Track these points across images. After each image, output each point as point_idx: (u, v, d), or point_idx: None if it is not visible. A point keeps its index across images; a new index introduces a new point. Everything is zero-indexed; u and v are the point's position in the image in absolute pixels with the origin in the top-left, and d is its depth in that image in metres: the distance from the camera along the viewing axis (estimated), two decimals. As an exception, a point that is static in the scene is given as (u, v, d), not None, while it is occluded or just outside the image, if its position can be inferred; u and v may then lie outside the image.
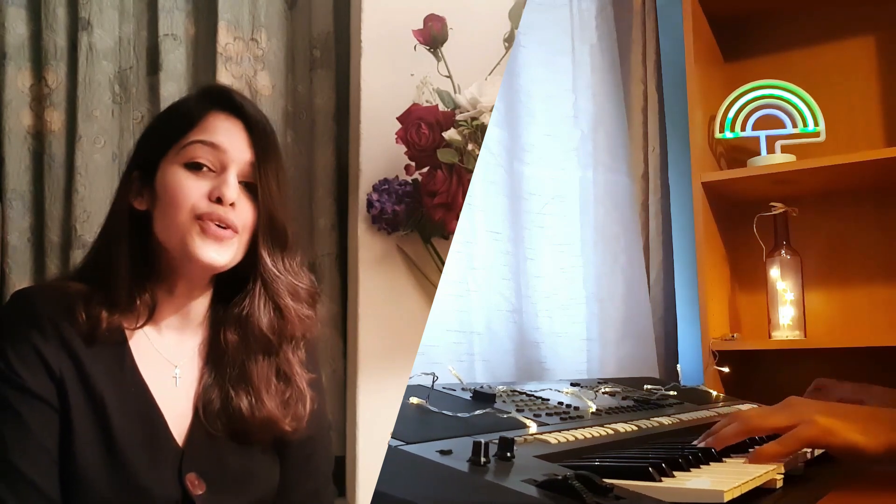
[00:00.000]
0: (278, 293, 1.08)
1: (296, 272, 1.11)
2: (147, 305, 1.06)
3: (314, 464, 1.17)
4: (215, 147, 1.04)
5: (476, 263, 1.71)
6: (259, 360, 1.09)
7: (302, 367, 1.13)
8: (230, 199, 1.03)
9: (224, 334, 1.09)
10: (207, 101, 1.09)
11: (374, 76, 1.62)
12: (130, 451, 1.00)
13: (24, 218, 1.55)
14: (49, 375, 0.99)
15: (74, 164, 1.54)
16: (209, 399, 1.07)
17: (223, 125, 1.07)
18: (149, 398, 1.04)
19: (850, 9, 2.13)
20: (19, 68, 1.57)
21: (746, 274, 2.18)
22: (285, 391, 1.10)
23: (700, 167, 2.03)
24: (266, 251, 1.07)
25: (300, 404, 1.11)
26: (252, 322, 1.07)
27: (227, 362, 1.09)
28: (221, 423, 1.07)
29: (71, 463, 0.98)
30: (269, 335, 1.08)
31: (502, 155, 1.82)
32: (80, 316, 1.01)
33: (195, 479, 1.03)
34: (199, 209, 1.02)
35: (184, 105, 1.12)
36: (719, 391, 1.82)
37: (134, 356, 1.05)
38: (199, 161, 1.04)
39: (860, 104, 2.12)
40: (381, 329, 1.58)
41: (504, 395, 1.22)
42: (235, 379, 1.08)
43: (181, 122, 1.07)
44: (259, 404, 1.07)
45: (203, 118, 1.06)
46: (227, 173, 1.04)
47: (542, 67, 2.00)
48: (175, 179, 1.04)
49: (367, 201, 1.56)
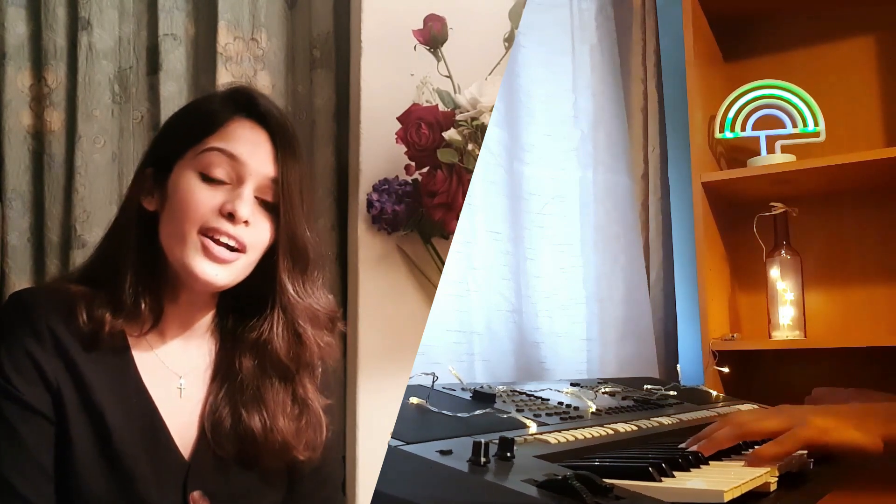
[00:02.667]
0: (298, 319, 1.03)
1: (316, 295, 1.05)
2: (152, 311, 1.01)
3: (323, 476, 1.14)
4: (234, 158, 0.99)
5: (476, 263, 1.71)
6: (275, 384, 1.05)
7: (317, 393, 1.08)
8: (243, 217, 0.97)
9: (239, 358, 1.04)
10: (232, 105, 1.03)
11: (374, 76, 1.61)
12: (133, 465, 0.96)
13: (24, 218, 1.55)
14: (45, 386, 0.95)
15: (74, 163, 1.54)
16: (219, 419, 1.03)
17: (246, 134, 1.01)
18: (152, 409, 1.00)
19: (850, 9, 2.13)
20: (19, 68, 1.57)
21: (746, 274, 2.18)
22: (301, 416, 1.05)
23: (700, 167, 2.03)
24: (287, 275, 1.02)
25: (315, 431, 1.06)
26: (270, 349, 1.03)
27: (240, 383, 1.04)
28: (231, 444, 1.02)
29: (70, 476, 0.95)
30: (288, 363, 1.04)
31: (502, 155, 1.82)
32: (82, 318, 0.96)
33: (199, 498, 1.00)
34: (207, 223, 0.97)
35: (207, 105, 1.05)
36: (719, 391, 1.82)
37: (137, 365, 1.01)
38: (216, 171, 0.98)
39: (860, 104, 2.12)
40: (381, 329, 1.57)
41: (504, 395, 1.22)
42: (249, 399, 1.03)
43: (202, 123, 1.01)
44: (273, 425, 1.02)
45: (225, 123, 1.01)
46: (243, 187, 0.98)
47: (542, 67, 2.00)
48: (187, 186, 0.98)
49: (367, 201, 1.56)
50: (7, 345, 0.96)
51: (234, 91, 1.07)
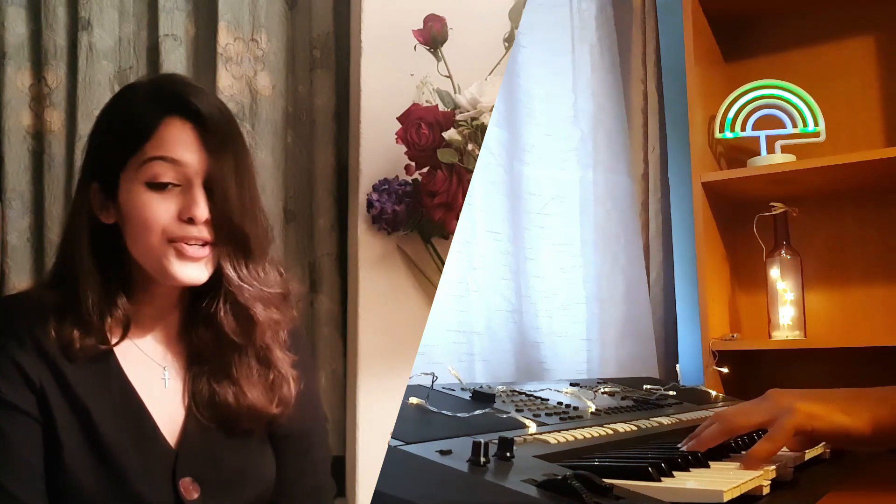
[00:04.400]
0: (245, 302, 1.04)
1: (262, 278, 1.06)
2: (120, 322, 1.01)
3: (312, 459, 1.16)
4: (176, 163, 0.98)
5: (476, 263, 1.71)
6: (235, 356, 1.06)
7: (283, 350, 1.10)
8: (202, 219, 0.98)
9: (199, 337, 1.06)
10: (159, 105, 1.01)
11: (374, 76, 1.62)
12: (122, 457, 0.98)
13: (24, 218, 1.55)
14: (29, 387, 0.96)
15: (74, 163, 1.54)
16: (198, 391, 1.05)
17: (180, 135, 0.99)
18: (137, 401, 1.02)
19: (850, 9, 2.13)
20: (19, 68, 1.57)
21: (746, 274, 2.18)
22: (268, 375, 1.08)
23: (700, 167, 2.03)
24: (227, 261, 1.02)
25: (285, 386, 1.08)
26: (220, 327, 1.04)
27: (206, 362, 1.06)
28: (210, 413, 1.05)
29: (60, 474, 0.96)
30: (238, 338, 1.05)
31: (502, 155, 1.82)
32: (52, 335, 0.98)
33: (189, 484, 1.01)
34: (171, 232, 0.98)
35: (135, 110, 1.02)
36: (719, 391, 1.82)
37: (119, 361, 1.02)
38: (163, 180, 0.98)
39: (860, 104, 2.12)
40: (381, 329, 1.58)
41: (504, 395, 1.22)
42: (217, 372, 1.05)
43: (135, 131, 1.00)
44: (242, 394, 1.05)
45: (157, 128, 0.99)
46: (192, 189, 0.99)
47: (542, 67, 2.00)
48: (140, 201, 0.98)
49: (367, 201, 1.56)
50: None
51: (158, 86, 1.05)
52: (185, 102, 1.01)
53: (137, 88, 1.06)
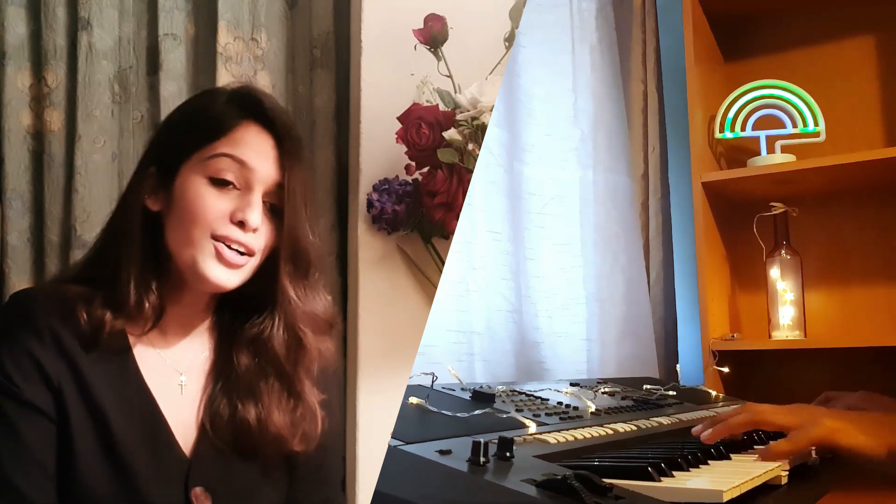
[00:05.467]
0: (298, 323, 1.03)
1: (316, 299, 1.06)
2: (154, 309, 1.00)
3: (323, 475, 1.14)
4: (243, 164, 0.99)
5: (476, 263, 1.71)
6: (270, 380, 1.05)
7: (314, 387, 1.08)
8: (253, 226, 0.98)
9: (237, 355, 1.04)
10: (239, 108, 1.02)
11: (374, 76, 1.61)
12: (135, 462, 0.97)
13: (24, 218, 1.55)
14: (46, 385, 0.95)
15: (74, 163, 1.54)
16: (216, 410, 1.03)
17: (254, 140, 1.00)
18: (153, 406, 1.01)
19: (850, 9, 2.13)
20: (19, 68, 1.57)
21: (746, 274, 2.18)
22: (295, 409, 1.06)
23: (700, 167, 2.03)
24: (288, 280, 1.02)
25: (311, 424, 1.06)
26: (269, 349, 1.03)
27: (236, 379, 1.04)
28: (228, 435, 1.03)
29: (72, 474, 0.95)
30: (286, 364, 1.04)
31: (502, 155, 1.82)
32: (82, 318, 0.96)
33: (200, 494, 1.00)
34: (217, 230, 0.98)
35: (213, 107, 1.03)
36: (719, 391, 1.82)
37: (138, 363, 1.01)
38: (225, 177, 0.98)
39: (860, 104, 2.12)
40: (381, 329, 1.57)
41: (503, 395, 1.22)
42: (245, 393, 1.03)
43: (210, 127, 1.00)
44: (268, 417, 1.02)
45: (234, 128, 1.00)
46: (251, 195, 0.99)
47: (542, 67, 2.00)
48: (197, 192, 0.98)
49: (367, 201, 1.56)
50: (8, 344, 0.96)
51: (240, 93, 1.06)
52: (266, 111, 1.02)
53: (219, 92, 1.08)
